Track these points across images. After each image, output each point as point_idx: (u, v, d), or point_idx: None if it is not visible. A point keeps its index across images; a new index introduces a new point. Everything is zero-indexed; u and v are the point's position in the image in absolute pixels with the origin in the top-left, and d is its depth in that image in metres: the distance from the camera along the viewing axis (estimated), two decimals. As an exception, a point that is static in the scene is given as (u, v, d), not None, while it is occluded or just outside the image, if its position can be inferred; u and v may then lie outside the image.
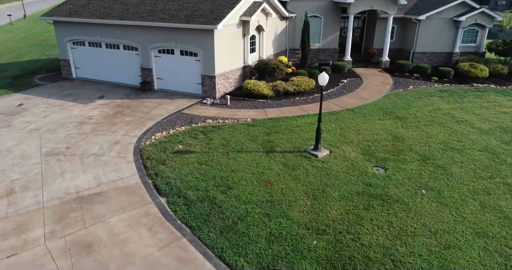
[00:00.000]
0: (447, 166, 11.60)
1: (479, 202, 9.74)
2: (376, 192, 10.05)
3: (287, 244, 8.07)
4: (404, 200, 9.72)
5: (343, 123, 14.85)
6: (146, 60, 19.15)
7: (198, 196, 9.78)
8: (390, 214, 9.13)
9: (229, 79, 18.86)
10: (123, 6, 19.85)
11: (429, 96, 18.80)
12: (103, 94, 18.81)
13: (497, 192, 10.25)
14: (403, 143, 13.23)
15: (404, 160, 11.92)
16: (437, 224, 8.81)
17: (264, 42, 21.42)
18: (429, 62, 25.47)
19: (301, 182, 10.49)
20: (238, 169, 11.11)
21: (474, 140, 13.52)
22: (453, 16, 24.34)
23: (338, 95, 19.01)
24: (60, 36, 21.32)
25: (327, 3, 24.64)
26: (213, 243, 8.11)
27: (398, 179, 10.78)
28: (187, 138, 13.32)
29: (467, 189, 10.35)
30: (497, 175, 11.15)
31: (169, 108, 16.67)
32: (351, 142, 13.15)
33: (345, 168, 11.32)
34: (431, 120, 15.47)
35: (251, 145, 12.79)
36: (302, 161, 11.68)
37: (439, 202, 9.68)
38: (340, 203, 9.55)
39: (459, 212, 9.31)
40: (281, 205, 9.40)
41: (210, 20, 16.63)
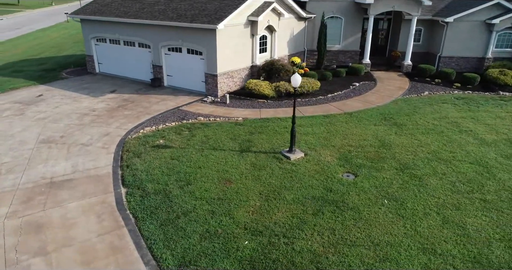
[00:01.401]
0: (425, 177, 10.94)
1: (442, 217, 9.10)
2: (334, 198, 9.75)
3: (218, 242, 8.11)
4: (359, 209, 9.34)
5: (333, 127, 14.48)
6: (157, 58, 19.91)
7: (156, 189, 10.09)
8: (337, 222, 8.83)
9: (233, 78, 19.07)
10: (140, 5, 20.78)
11: (442, 103, 17.72)
12: (116, 89, 19.84)
13: (469, 208, 9.51)
14: (388, 150, 12.65)
15: (380, 168, 11.41)
16: (383, 236, 8.38)
17: (276, 42, 21.36)
18: (457, 68, 23.93)
19: (261, 183, 10.44)
20: (205, 166, 11.28)
21: (469, 152, 12.59)
22: (486, 19, 22.67)
23: (343, 98, 18.51)
24: (86, 33, 22.77)
25: (348, 3, 24.03)
26: (149, 234, 8.36)
27: (364, 186, 10.36)
28: (171, 134, 13.73)
29: (435, 202, 9.71)
30: (478, 190, 10.33)
31: (170, 104, 17.23)
32: (332, 146, 12.81)
33: (313, 172, 11.07)
34: (431, 128, 14.61)
35: (229, 143, 12.90)
36: (272, 162, 11.59)
37: (397, 214, 9.18)
38: (290, 206, 9.39)
39: (415, 225, 8.78)
40: (230, 204, 9.44)
41: (213, 19, 16.94)
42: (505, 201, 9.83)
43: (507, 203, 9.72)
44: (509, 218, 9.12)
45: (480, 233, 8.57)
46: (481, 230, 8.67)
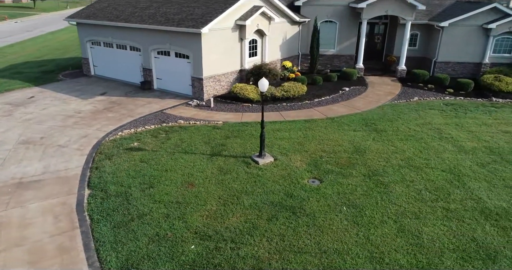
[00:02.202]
0: (392, 184, 10.77)
1: (399, 226, 8.94)
2: (292, 204, 9.68)
3: (165, 245, 8.15)
4: (315, 215, 9.25)
5: (311, 132, 14.39)
6: (147, 61, 20.16)
7: (117, 192, 10.20)
8: (289, 228, 8.77)
9: (221, 82, 19.16)
10: (133, 9, 21.11)
11: (429, 109, 17.43)
12: (106, 91, 20.16)
13: (429, 216, 9.32)
14: (361, 156, 12.50)
15: (348, 174, 11.29)
16: (333, 243, 8.28)
17: (267, 46, 21.38)
18: (454, 73, 23.54)
19: (223, 187, 10.44)
20: (171, 169, 11.36)
21: (444, 159, 12.34)
22: (483, 23, 22.26)
23: (330, 103, 18.39)
24: (81, 37, 23.23)
25: (343, 7, 23.92)
26: (100, 236, 8.45)
27: (326, 193, 10.26)
28: (148, 137, 13.86)
29: (395, 210, 9.55)
30: (443, 198, 10.11)
31: (154, 107, 17.41)
32: (305, 152, 12.73)
33: (279, 177, 11.02)
34: (412, 134, 14.38)
35: (202, 147, 12.96)
36: (240, 166, 11.59)
37: (353, 221, 9.06)
38: (246, 211, 9.37)
39: (368, 233, 8.65)
40: (187, 208, 9.47)
41: (198, 24, 17.08)
42: (469, 210, 9.60)
43: (470, 213, 9.50)
44: (468, 228, 8.91)
45: (435, 242, 8.39)
46: (436, 239, 8.49)
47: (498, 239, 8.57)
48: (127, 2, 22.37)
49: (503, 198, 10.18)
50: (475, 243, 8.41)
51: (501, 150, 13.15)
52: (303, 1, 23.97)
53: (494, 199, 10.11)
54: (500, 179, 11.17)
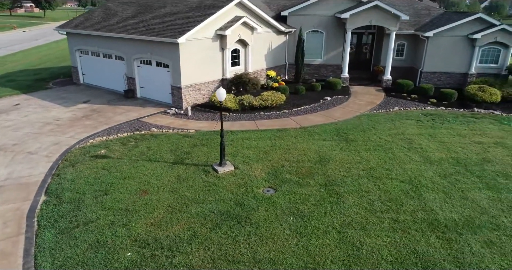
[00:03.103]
0: (346, 194, 10.73)
1: (342, 236, 8.90)
2: (239, 213, 9.71)
3: (103, 252, 8.24)
4: (260, 225, 9.26)
5: (279, 141, 14.44)
6: (130, 70, 20.51)
7: (71, 198, 10.36)
8: (229, 237, 8.80)
9: (201, 90, 19.36)
10: (118, 19, 21.57)
11: (406, 119, 17.34)
12: (90, 99, 20.52)
13: (375, 227, 9.25)
14: (324, 166, 12.49)
15: (305, 184, 11.28)
16: (270, 253, 8.28)
17: (250, 56, 21.58)
18: (440, 83, 23.42)
19: (176, 195, 10.53)
20: (130, 177, 11.49)
21: (407, 170, 12.26)
22: (468, 34, 22.15)
23: (308, 112, 18.42)
24: (71, 46, 23.77)
25: (329, 17, 24.08)
26: (42, 242, 8.59)
27: (277, 202, 10.27)
28: (117, 144, 14.06)
29: (342, 220, 9.50)
30: (394, 209, 10.03)
31: (132, 115, 17.66)
32: (268, 161, 12.77)
33: (234, 186, 11.07)
34: (381, 144, 14.32)
35: (167, 155, 13.09)
36: (198, 175, 11.68)
37: (296, 231, 9.05)
38: (192, 219, 9.43)
39: (308, 244, 8.62)
40: (134, 215, 9.57)
41: (175, 33, 17.37)
42: (418, 222, 9.51)
43: (418, 224, 9.40)
44: (412, 240, 8.82)
45: (373, 254, 8.32)
46: (376, 251, 8.42)
47: (440, 251, 8.46)
48: (115, 13, 22.87)
49: (457, 210, 10.06)
50: (415, 255, 8.32)
51: (468, 161, 13.00)
52: (289, 11, 24.22)
53: (447, 211, 10.00)
54: (459, 190, 11.04)
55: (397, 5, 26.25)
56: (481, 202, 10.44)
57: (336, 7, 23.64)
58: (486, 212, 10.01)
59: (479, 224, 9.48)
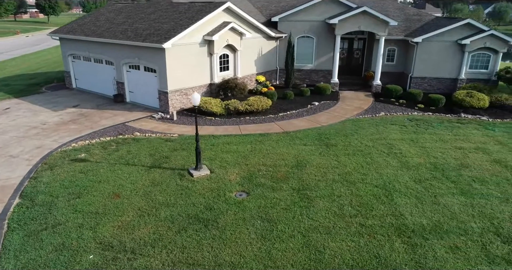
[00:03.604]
0: (317, 198, 10.75)
1: (306, 240, 8.92)
2: (207, 217, 9.77)
3: (65, 255, 8.32)
4: (227, 228, 9.31)
5: (260, 146, 14.50)
6: (119, 74, 20.72)
7: (44, 201, 10.47)
8: (194, 240, 8.85)
9: (188, 95, 19.50)
10: (109, 25, 21.85)
11: (390, 124, 17.35)
12: (79, 104, 20.74)
13: (341, 232, 9.26)
14: (300, 170, 12.53)
15: (279, 188, 11.32)
16: (231, 257, 8.31)
17: (239, 61, 21.71)
18: (430, 88, 23.42)
19: (147, 198, 10.61)
20: (105, 181, 11.60)
21: (383, 175, 12.26)
22: (457, 39, 22.18)
23: (294, 117, 18.49)
24: (63, 51, 24.08)
25: (319, 23, 24.23)
26: (8, 244, 8.69)
27: (247, 206, 10.31)
28: (98, 148, 14.20)
29: (309, 225, 9.53)
30: (364, 214, 10.04)
31: (118, 120, 17.82)
32: (246, 165, 12.83)
33: (207, 190, 11.14)
34: (361, 149, 14.34)
35: (146, 159, 13.20)
36: (173, 179, 11.76)
37: (261, 235, 9.08)
38: (159, 223, 9.50)
39: (271, 248, 8.65)
40: (103, 218, 9.65)
41: (162, 39, 17.56)
42: (385, 226, 9.51)
43: (386, 229, 9.40)
44: (376, 244, 8.82)
45: (335, 258, 8.34)
46: (338, 255, 8.43)
47: (403, 256, 8.46)
48: (106, 19, 23.17)
49: (426, 215, 10.05)
50: (377, 260, 8.32)
51: (445, 166, 12.98)
52: (279, 17, 24.41)
53: (416, 216, 9.99)
54: (432, 195, 11.03)
55: (389, 11, 26.44)
56: (452, 207, 10.42)
57: (326, 13, 23.79)
58: (456, 217, 9.99)
59: (447, 229, 9.46)
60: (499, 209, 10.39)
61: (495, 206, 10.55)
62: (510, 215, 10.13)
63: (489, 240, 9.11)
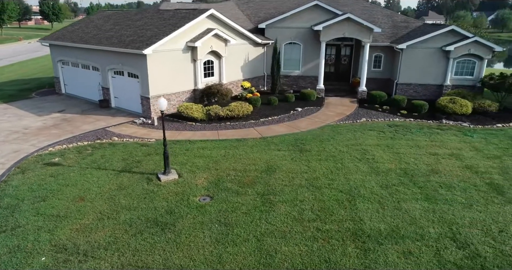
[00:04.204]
0: (279, 203, 10.81)
1: (260, 244, 8.97)
2: (166, 221, 9.86)
3: (18, 257, 8.44)
4: (183, 232, 9.39)
5: (233, 151, 14.61)
6: (105, 80, 21.00)
7: (9, 204, 10.62)
8: (148, 243, 8.94)
9: (170, 101, 19.69)
10: (97, 31, 22.21)
11: (369, 130, 17.40)
12: (65, 109, 21.02)
13: (296, 236, 9.31)
14: (269, 175, 12.60)
15: (244, 192, 11.40)
16: (182, 260, 8.38)
17: (224, 67, 21.92)
18: (416, 95, 23.47)
19: (110, 202, 10.73)
20: (73, 184, 11.74)
21: (350, 180, 12.30)
22: (442, 46, 22.25)
23: (275, 122, 18.59)
24: (53, 57, 24.48)
25: (306, 30, 24.43)
26: (-35, 246, 8.83)
27: (208, 210, 10.40)
28: (73, 152, 14.38)
29: (266, 229, 9.58)
30: (323, 219, 10.08)
31: (100, 124, 18.03)
32: (215, 170, 12.93)
33: (172, 194, 11.24)
34: (334, 155, 14.38)
35: (118, 163, 13.34)
36: (140, 183, 11.88)
37: (215, 239, 9.15)
38: (117, 226, 9.60)
39: (224, 251, 8.71)
40: (62, 221, 9.78)
41: (143, 45, 17.83)
42: (342, 231, 9.54)
43: (342, 234, 9.43)
44: (329, 249, 8.85)
45: (285, 262, 8.38)
46: (289, 259, 8.47)
47: (354, 260, 8.48)
48: (95, 25, 23.55)
49: (386, 220, 10.06)
50: (327, 264, 8.35)
51: (415, 172, 13.00)
52: (266, 23, 24.65)
53: (375, 221, 10.01)
54: (395, 201, 11.04)
55: (376, 18, 26.62)
56: (413, 213, 10.43)
57: (312, 20, 23.99)
58: (415, 222, 9.99)
59: (403, 234, 9.46)
60: (460, 215, 10.37)
61: (457, 212, 10.54)
62: (470, 221, 10.11)
63: (444, 245, 9.10)
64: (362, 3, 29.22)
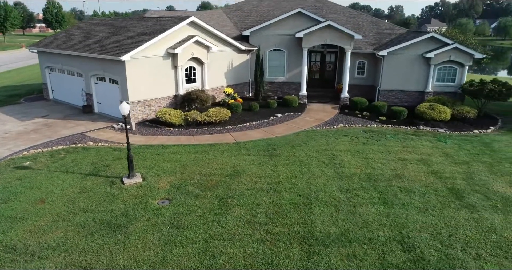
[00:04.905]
0: (236, 206, 10.95)
1: (206, 246, 9.11)
2: (120, 223, 10.03)
3: (-32, 256, 8.65)
4: (133, 234, 9.55)
5: (203, 155, 14.80)
6: (88, 86, 21.37)
7: (-30, 206, 10.87)
8: (96, 244, 9.11)
9: (151, 106, 19.99)
10: (82, 38, 22.66)
11: (343, 136, 17.52)
12: (49, 114, 21.37)
13: (244, 239, 9.43)
14: (232, 179, 12.76)
15: (203, 196, 11.56)
16: (126, 261, 8.54)
17: (206, 73, 22.21)
18: (398, 101, 23.57)
19: (69, 205, 10.93)
20: (37, 187, 11.98)
21: (311, 184, 12.42)
22: (423, 52, 22.41)
23: (252, 128, 18.79)
24: (41, 63, 24.96)
25: (290, 37, 24.69)
26: None
27: (164, 213, 10.56)
28: (46, 156, 14.65)
29: (215, 232, 9.72)
30: (275, 222, 10.20)
31: (79, 129, 18.33)
32: (181, 174, 13.11)
33: (132, 197, 11.43)
34: (302, 160, 14.52)
35: (87, 167, 13.58)
36: (103, 186, 12.09)
37: (164, 241, 9.30)
38: (70, 227, 9.79)
39: (169, 253, 8.85)
40: (18, 223, 9.99)
41: (121, 52, 18.17)
42: (291, 234, 9.65)
43: (290, 236, 9.55)
44: (274, 251, 8.96)
45: (227, 264, 8.50)
46: (232, 261, 8.60)
47: (296, 262, 8.59)
48: (81, 33, 24.03)
49: (337, 223, 10.16)
50: (268, 266, 8.47)
51: (379, 177, 13.09)
52: (250, 30, 24.98)
53: (326, 224, 10.11)
54: (352, 205, 11.14)
55: (361, 25, 26.88)
56: (367, 217, 10.51)
57: (296, 27, 24.24)
58: (367, 226, 10.08)
59: (351, 238, 9.55)
60: (413, 219, 10.45)
61: (411, 216, 10.61)
62: (422, 225, 10.18)
63: (391, 248, 9.17)
64: (348, 11, 29.55)
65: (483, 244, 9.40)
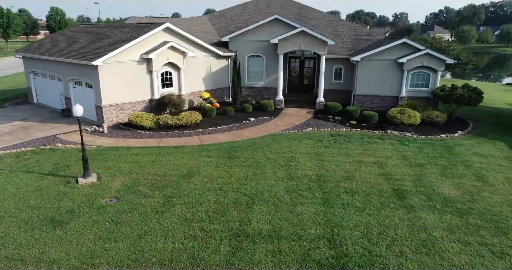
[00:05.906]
0: (179, 205, 11.32)
1: (138, 242, 9.48)
2: (63, 219, 10.45)
3: None
4: (72, 229, 9.96)
5: (164, 157, 15.21)
6: (67, 90, 21.99)
7: None
8: (34, 238, 9.53)
9: (125, 110, 20.51)
10: (63, 44, 23.35)
11: (308, 139, 17.86)
12: (29, 117, 21.99)
13: (177, 235, 9.78)
14: (185, 180, 13.14)
15: (151, 195, 11.96)
16: (56, 254, 8.94)
17: (183, 78, 22.73)
18: (373, 106, 23.87)
19: (20, 202, 11.38)
20: (-6, 185, 12.46)
21: (260, 185, 12.76)
22: (396, 58, 22.74)
23: (221, 131, 19.19)
24: (25, 68, 25.70)
25: (268, 43, 25.12)
26: None
27: (107, 210, 10.96)
28: (12, 157, 15.17)
29: (152, 228, 10.09)
30: (213, 220, 10.55)
31: (52, 132, 18.88)
32: (136, 174, 13.53)
33: (82, 195, 11.86)
34: (259, 161, 14.87)
35: (47, 167, 14.06)
36: (57, 185, 12.54)
37: (99, 236, 9.69)
38: (14, 223, 10.23)
39: (100, 247, 9.23)
40: (-34, 218, 10.46)
41: (94, 57, 18.76)
42: (224, 231, 9.99)
43: (222, 233, 9.88)
44: (203, 246, 9.30)
45: (154, 257, 8.85)
46: (158, 255, 8.95)
47: (220, 258, 8.92)
48: (64, 39, 24.74)
49: (273, 221, 10.47)
50: (191, 261, 8.81)
51: (330, 178, 13.38)
52: (229, 36, 25.52)
53: (262, 222, 10.43)
54: (293, 204, 11.45)
55: (340, 31, 27.32)
56: (304, 215, 10.82)
57: (274, 33, 24.69)
58: (300, 224, 10.38)
59: (282, 235, 9.86)
60: (349, 218, 10.73)
61: (347, 215, 10.89)
62: (355, 224, 10.45)
63: (317, 245, 9.46)
64: (330, 17, 30.02)
65: (409, 242, 9.65)
